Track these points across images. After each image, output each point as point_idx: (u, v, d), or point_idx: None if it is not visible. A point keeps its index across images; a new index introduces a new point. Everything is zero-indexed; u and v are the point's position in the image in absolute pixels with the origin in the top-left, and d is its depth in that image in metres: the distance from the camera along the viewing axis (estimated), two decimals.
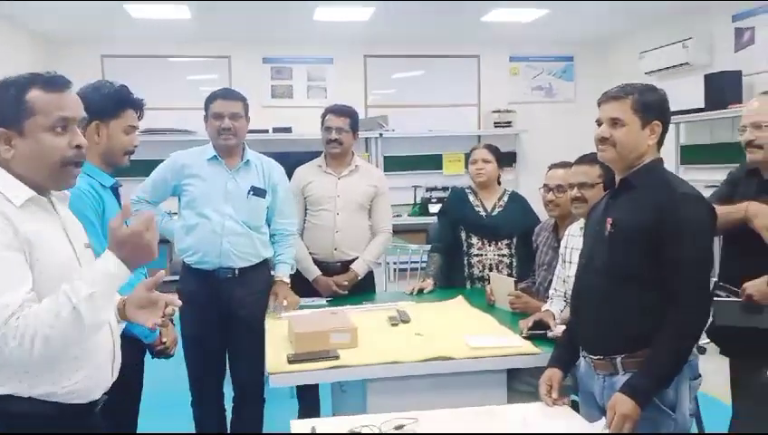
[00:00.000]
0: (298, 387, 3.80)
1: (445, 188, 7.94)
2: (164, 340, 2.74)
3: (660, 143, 2.29)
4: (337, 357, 2.59)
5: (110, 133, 2.59)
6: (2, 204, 1.66)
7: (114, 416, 1.95)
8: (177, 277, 3.49)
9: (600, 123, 2.28)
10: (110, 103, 2.58)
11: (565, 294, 2.98)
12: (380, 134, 7.78)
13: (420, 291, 3.74)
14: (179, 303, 1.91)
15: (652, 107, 2.23)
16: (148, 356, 2.79)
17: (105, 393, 1.88)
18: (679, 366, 2.14)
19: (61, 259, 1.75)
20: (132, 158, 2.74)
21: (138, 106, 2.68)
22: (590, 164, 2.88)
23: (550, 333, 2.79)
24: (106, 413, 1.90)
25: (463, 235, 3.79)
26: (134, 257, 1.72)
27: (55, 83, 1.75)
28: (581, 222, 2.86)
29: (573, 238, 2.96)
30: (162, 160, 3.46)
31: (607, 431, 2.08)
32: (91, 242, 1.93)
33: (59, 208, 1.85)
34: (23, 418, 1.68)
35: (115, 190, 2.67)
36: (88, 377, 1.79)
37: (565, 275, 2.99)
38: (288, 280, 3.44)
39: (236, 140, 3.27)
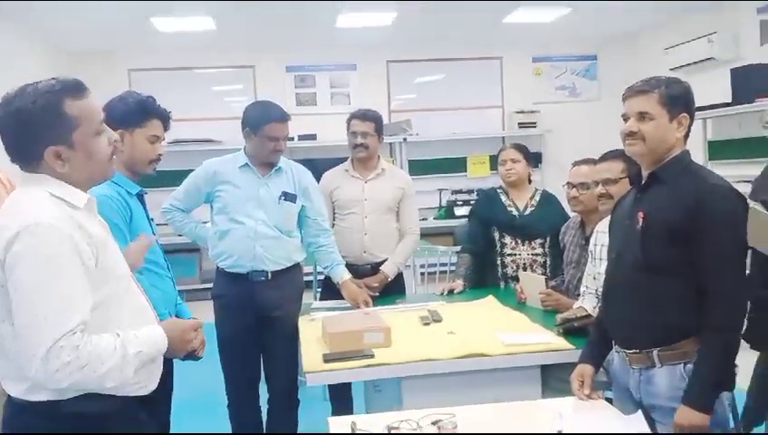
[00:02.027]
0: (330, 389, 3.85)
1: (470, 191, 7.96)
2: None
3: (687, 136, 2.29)
4: (372, 356, 2.63)
5: (135, 142, 2.64)
6: (70, 210, 1.71)
7: (150, 414, 1.98)
8: (207, 285, 3.54)
9: (626, 118, 2.28)
10: (135, 112, 2.63)
11: (596, 291, 2.97)
12: (404, 139, 7.81)
13: (450, 292, 3.76)
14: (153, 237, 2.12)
15: (679, 100, 2.23)
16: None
17: None
18: (730, 361, 2.15)
19: (116, 259, 1.83)
20: (159, 168, 2.78)
21: (163, 116, 2.72)
22: (613, 160, 2.91)
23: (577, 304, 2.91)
24: (155, 410, 1.99)
25: (496, 235, 3.80)
26: (174, 343, 1.89)
27: (80, 89, 1.78)
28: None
29: (603, 235, 2.95)
30: (189, 171, 3.52)
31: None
32: (120, 247, 1.99)
33: (95, 209, 1.90)
34: (93, 417, 1.72)
35: (141, 197, 2.73)
36: (155, 367, 1.88)
37: (595, 271, 2.99)
38: (349, 276, 3.54)
39: (281, 155, 3.36)
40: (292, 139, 7.39)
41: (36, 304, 1.59)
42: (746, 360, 2.77)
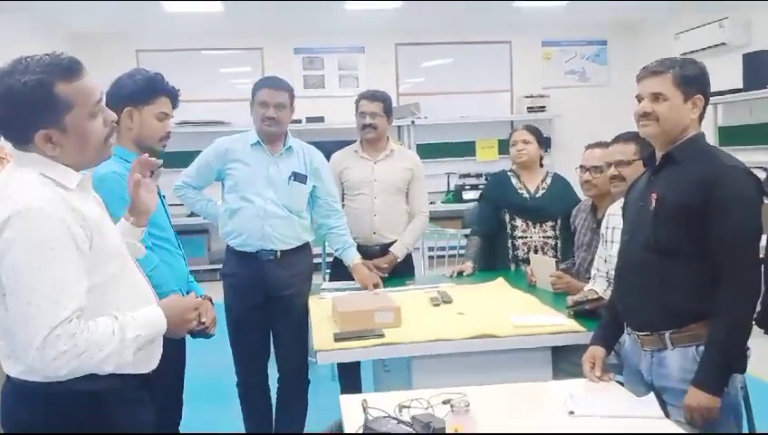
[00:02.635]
0: (339, 369, 3.85)
1: (478, 175, 7.95)
2: (203, 320, 2.78)
3: (701, 117, 2.27)
4: (382, 335, 2.63)
5: (143, 119, 2.62)
6: (62, 192, 1.66)
7: (158, 394, 1.97)
8: (216, 266, 3.54)
9: (639, 99, 2.26)
10: (143, 89, 2.61)
11: (607, 273, 2.96)
12: (413, 122, 7.79)
13: (460, 273, 3.76)
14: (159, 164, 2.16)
15: (693, 80, 2.21)
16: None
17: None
18: (741, 343, 2.14)
19: (112, 240, 1.80)
20: (167, 150, 2.77)
21: (171, 94, 2.71)
22: (626, 142, 2.89)
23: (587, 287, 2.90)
24: (151, 391, 1.92)
25: (507, 217, 3.78)
26: (174, 323, 1.83)
27: (74, 70, 1.69)
28: (623, 201, 2.84)
29: (615, 218, 2.94)
30: (196, 152, 3.52)
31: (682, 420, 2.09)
32: None
33: (90, 188, 1.86)
34: (95, 395, 1.70)
35: (151, 174, 2.72)
36: (155, 346, 1.86)
37: (607, 254, 2.98)
38: (360, 259, 3.53)
39: (279, 128, 3.31)
40: (300, 121, 7.39)
41: (30, 291, 1.56)
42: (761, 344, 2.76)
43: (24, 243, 1.57)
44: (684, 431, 1.95)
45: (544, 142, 3.96)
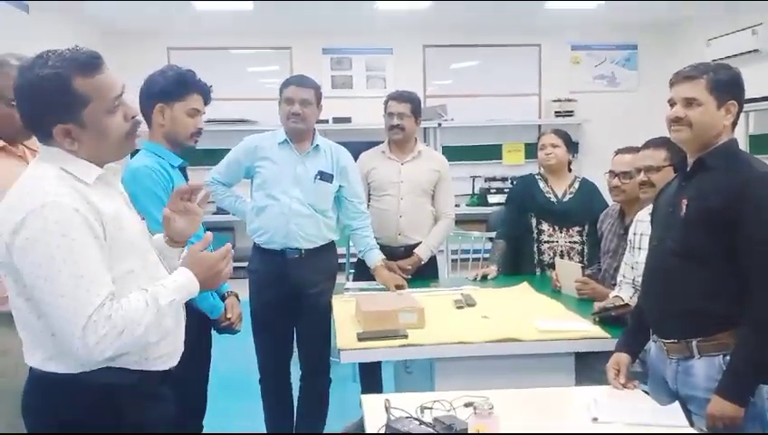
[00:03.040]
0: (361, 370, 3.86)
1: (504, 179, 7.91)
2: (229, 316, 2.81)
3: (735, 124, 2.24)
4: (406, 336, 2.63)
5: (174, 115, 2.67)
6: (78, 185, 1.66)
7: (183, 388, 1.98)
8: (240, 263, 3.55)
9: (672, 104, 2.24)
10: (174, 86, 2.66)
11: (634, 280, 2.94)
12: (439, 124, 7.77)
13: (484, 277, 3.75)
14: (202, 187, 2.08)
15: (727, 86, 2.18)
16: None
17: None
18: None
19: (133, 233, 1.79)
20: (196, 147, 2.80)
21: (203, 90, 2.74)
22: (656, 148, 2.87)
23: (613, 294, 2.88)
24: (176, 386, 1.93)
25: (533, 221, 3.77)
26: (205, 279, 1.82)
27: (93, 65, 1.68)
28: (651, 208, 2.81)
29: (643, 224, 2.92)
30: (224, 149, 3.56)
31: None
32: (160, 218, 1.99)
33: (116, 182, 1.86)
34: (110, 389, 1.71)
35: (183, 170, 2.76)
36: (173, 341, 1.86)
37: (633, 261, 2.95)
38: (383, 262, 3.53)
39: (304, 125, 3.33)
40: (327, 121, 7.41)
41: (60, 285, 1.58)
42: None
43: (44, 241, 1.57)
44: None
45: (573, 147, 3.94)
